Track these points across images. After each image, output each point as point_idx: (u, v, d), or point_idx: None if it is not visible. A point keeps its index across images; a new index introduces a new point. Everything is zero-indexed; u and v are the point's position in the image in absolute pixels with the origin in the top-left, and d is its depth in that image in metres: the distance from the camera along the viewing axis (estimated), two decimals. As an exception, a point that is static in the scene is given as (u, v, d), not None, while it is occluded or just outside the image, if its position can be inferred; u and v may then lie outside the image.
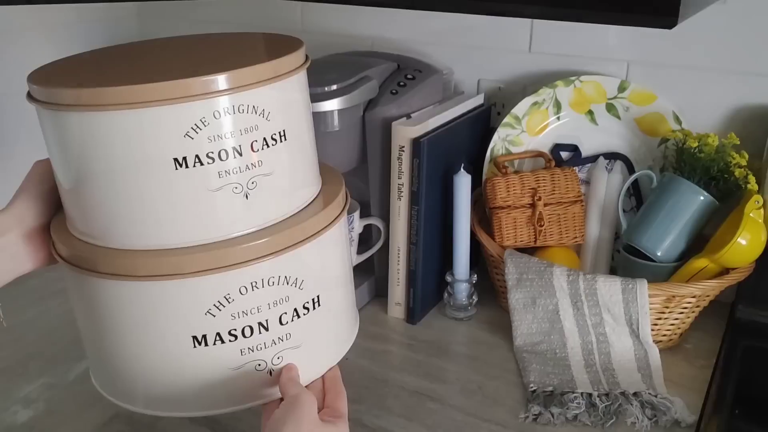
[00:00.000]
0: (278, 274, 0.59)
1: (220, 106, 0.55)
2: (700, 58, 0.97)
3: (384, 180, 0.97)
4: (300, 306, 0.62)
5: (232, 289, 0.58)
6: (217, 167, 0.56)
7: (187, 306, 0.58)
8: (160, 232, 0.58)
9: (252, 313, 0.59)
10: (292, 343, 0.62)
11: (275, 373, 0.62)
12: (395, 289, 0.99)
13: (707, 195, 0.89)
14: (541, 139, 1.04)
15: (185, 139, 0.55)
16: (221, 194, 0.57)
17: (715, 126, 0.98)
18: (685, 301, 0.88)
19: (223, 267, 0.57)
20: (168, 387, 0.61)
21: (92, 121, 0.55)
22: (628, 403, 0.80)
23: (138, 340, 0.60)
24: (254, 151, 0.58)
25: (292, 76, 0.60)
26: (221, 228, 0.58)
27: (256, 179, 0.58)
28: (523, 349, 0.91)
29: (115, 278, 0.58)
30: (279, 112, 0.59)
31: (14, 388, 0.86)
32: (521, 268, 0.92)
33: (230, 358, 0.60)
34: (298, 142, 0.62)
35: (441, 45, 1.14)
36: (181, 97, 0.53)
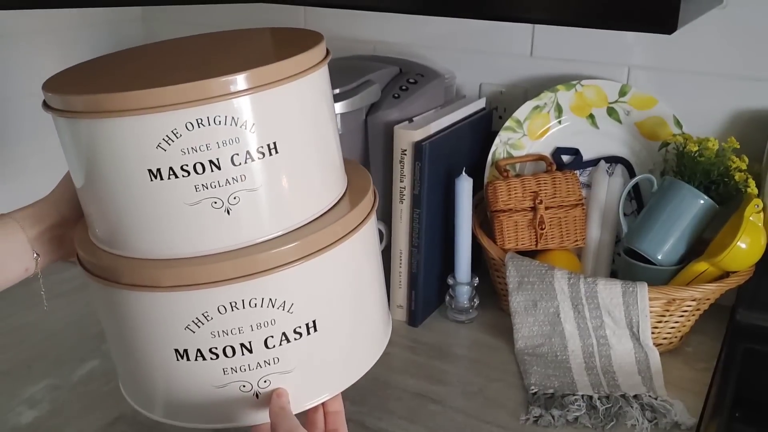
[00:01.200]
0: (260, 296, 0.56)
1: (192, 117, 0.52)
2: (700, 63, 0.97)
3: (386, 183, 0.97)
4: (290, 330, 0.58)
5: (209, 307, 0.56)
6: (193, 180, 0.54)
7: (166, 319, 0.57)
8: (141, 242, 0.57)
9: (233, 334, 0.57)
10: (282, 367, 0.59)
11: (263, 396, 0.59)
12: (397, 291, 1.00)
13: (707, 199, 0.90)
14: (542, 142, 1.04)
15: (158, 150, 0.53)
16: (199, 208, 0.55)
17: (716, 130, 0.98)
18: (685, 304, 0.88)
19: (198, 284, 0.55)
20: (161, 395, 0.62)
21: (76, 128, 0.56)
22: (628, 405, 0.81)
23: (129, 344, 0.61)
24: (235, 165, 0.54)
25: (286, 84, 0.56)
26: (200, 243, 0.56)
27: (238, 194, 0.55)
28: (524, 352, 0.91)
29: (104, 282, 0.59)
30: (266, 123, 0.55)
31: (19, 389, 0.87)
32: (522, 271, 0.93)
33: (213, 376, 0.58)
34: (296, 154, 0.58)
35: (443, 49, 1.15)
36: (151, 107, 0.52)
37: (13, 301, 1.05)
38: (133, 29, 1.47)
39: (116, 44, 1.43)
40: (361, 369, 0.66)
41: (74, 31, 1.34)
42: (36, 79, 0.61)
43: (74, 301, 1.05)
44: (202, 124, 0.53)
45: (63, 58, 1.32)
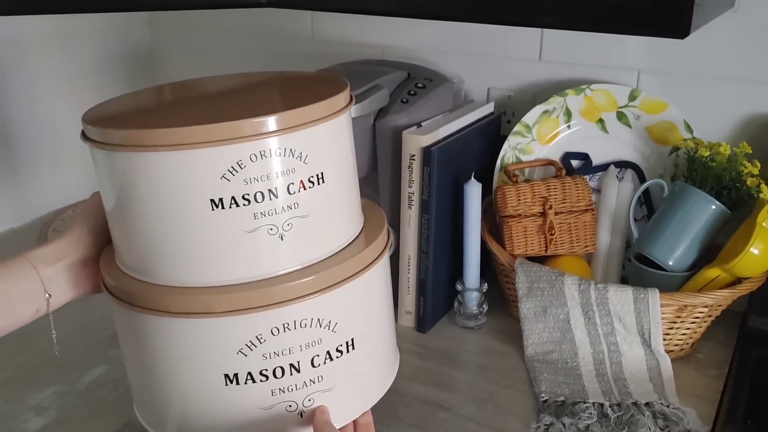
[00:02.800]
0: (311, 317, 0.59)
1: (257, 149, 0.56)
2: (711, 67, 0.97)
3: (394, 189, 0.97)
4: (333, 349, 0.62)
5: (263, 329, 0.58)
6: (252, 209, 0.57)
7: (218, 345, 0.59)
8: (194, 270, 0.59)
9: (284, 354, 0.59)
10: (324, 385, 0.62)
11: (306, 414, 0.62)
12: (405, 297, 0.99)
13: (719, 204, 0.89)
14: (551, 147, 1.04)
15: (222, 180, 0.56)
16: (256, 235, 0.58)
17: (727, 135, 0.97)
18: (697, 310, 0.87)
19: (254, 308, 0.58)
20: (200, 423, 0.62)
21: (134, 161, 0.57)
22: (640, 413, 0.80)
23: (171, 374, 0.61)
24: (290, 194, 0.58)
25: (332, 120, 0.61)
26: (255, 269, 0.59)
27: (292, 221, 0.59)
28: (534, 359, 0.91)
29: (150, 312, 0.59)
30: (317, 154, 0.60)
31: (26, 395, 0.86)
32: (532, 277, 0.92)
33: (261, 398, 0.60)
34: (337, 184, 0.63)
35: (451, 53, 1.15)
36: (218, 141, 0.55)
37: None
38: (140, 34, 1.47)
39: (123, 49, 1.43)
40: (386, 384, 0.70)
41: (81, 36, 1.34)
42: (44, 84, 0.61)
43: (81, 307, 1.05)
44: (265, 155, 0.56)
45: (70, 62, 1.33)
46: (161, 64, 1.49)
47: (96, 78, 1.38)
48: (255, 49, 1.36)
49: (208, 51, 1.42)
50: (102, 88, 1.40)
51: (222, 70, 1.44)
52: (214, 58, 1.42)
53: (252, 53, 1.36)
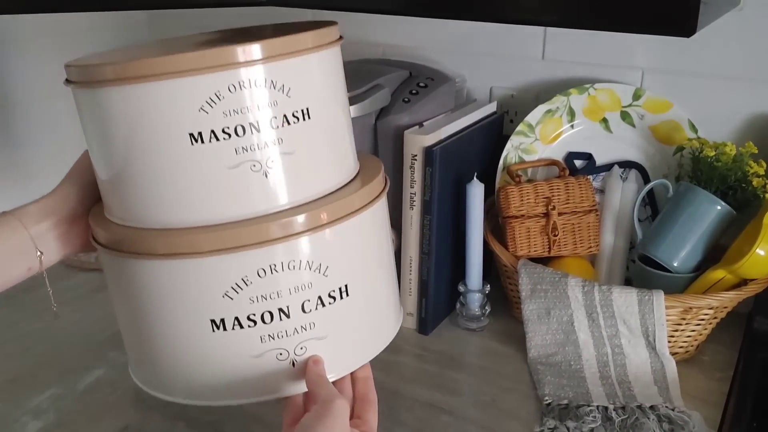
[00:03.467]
0: (299, 258, 0.57)
1: (235, 79, 0.54)
2: (716, 66, 0.96)
3: (396, 189, 0.96)
4: (325, 294, 0.59)
5: (249, 271, 0.56)
6: (234, 143, 0.55)
7: (204, 287, 0.57)
8: (178, 209, 0.57)
9: (271, 298, 0.57)
10: (317, 333, 0.59)
11: (299, 364, 0.59)
12: (407, 299, 0.98)
13: (724, 205, 0.88)
14: (554, 147, 1.03)
15: (200, 113, 0.54)
16: (238, 171, 0.56)
17: (732, 134, 0.96)
18: (702, 312, 0.86)
19: (238, 247, 0.55)
20: (190, 373, 0.60)
21: (110, 97, 0.56)
22: (644, 416, 0.79)
23: (160, 321, 0.59)
24: (273, 128, 0.56)
25: (317, 52, 0.59)
26: (239, 207, 0.57)
27: (276, 158, 0.57)
28: (538, 361, 0.90)
29: (135, 257, 0.58)
30: (301, 88, 0.57)
31: (24, 398, 0.86)
32: (535, 278, 0.91)
33: (250, 344, 0.58)
34: (325, 121, 0.60)
35: (453, 52, 1.14)
36: (194, 69, 0.53)
37: (19, 309, 1.04)
38: (139, 33, 1.46)
39: (123, 48, 1.43)
40: (385, 338, 0.67)
41: (80, 36, 1.33)
42: (43, 84, 0.60)
43: (80, 309, 1.05)
44: (244, 86, 0.54)
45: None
46: (161, 64, 1.48)
47: (95, 77, 1.37)
48: (255, 48, 1.35)
49: (208, 50, 1.41)
50: (101, 87, 1.39)
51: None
52: (215, 57, 1.41)
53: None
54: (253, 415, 0.81)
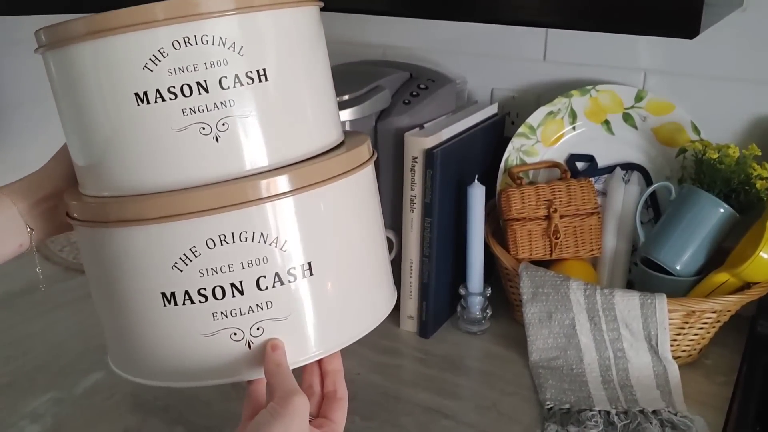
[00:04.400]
0: (251, 230, 0.53)
1: (179, 34, 0.51)
2: (719, 67, 0.95)
3: (396, 191, 0.95)
4: (283, 271, 0.55)
5: (197, 240, 0.53)
6: (180, 104, 0.52)
7: (153, 257, 0.54)
8: (128, 174, 0.55)
9: (222, 272, 0.54)
10: (275, 313, 0.55)
11: (255, 346, 0.56)
12: (407, 302, 0.98)
13: (727, 207, 0.87)
14: (556, 149, 1.02)
15: (144, 71, 0.52)
16: (186, 134, 0.53)
17: (736, 136, 0.96)
18: (705, 316, 0.86)
19: (186, 214, 0.52)
20: (146, 350, 0.58)
21: (61, 58, 0.55)
22: (647, 421, 0.78)
23: (117, 294, 0.57)
24: (224, 89, 0.53)
25: (275, 10, 0.55)
26: (188, 172, 0.54)
27: (227, 120, 0.53)
28: (539, 365, 0.89)
29: (92, 225, 0.56)
30: (256, 47, 0.54)
31: (21, 402, 0.85)
32: (537, 281, 0.90)
33: (202, 322, 0.55)
34: (287, 85, 0.57)
35: (454, 54, 1.13)
36: (137, 24, 0.51)
37: (16, 311, 1.03)
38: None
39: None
40: (361, 328, 0.61)
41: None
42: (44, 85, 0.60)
43: (77, 312, 1.04)
44: (190, 42, 0.52)
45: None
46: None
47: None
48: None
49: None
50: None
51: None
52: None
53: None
54: (252, 420, 0.81)
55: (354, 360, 0.92)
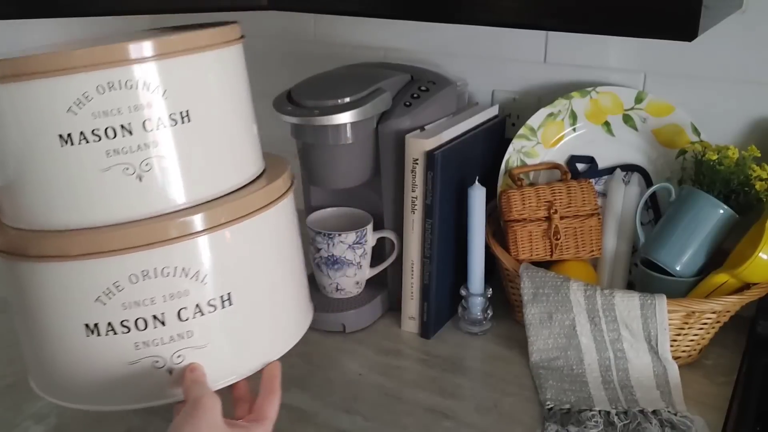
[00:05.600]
0: (173, 265, 0.56)
1: (103, 79, 0.53)
2: (719, 69, 0.95)
3: (397, 193, 0.96)
4: (204, 302, 0.58)
5: (120, 276, 0.55)
6: (104, 146, 0.54)
7: (76, 291, 0.56)
8: (52, 211, 0.56)
9: (145, 305, 0.56)
10: (195, 342, 0.58)
11: (176, 372, 0.58)
12: (409, 303, 0.98)
13: (727, 208, 0.88)
14: (556, 150, 1.02)
15: (69, 114, 0.53)
16: (110, 174, 0.55)
17: (735, 138, 0.96)
18: (705, 317, 0.86)
19: (109, 251, 0.55)
20: (70, 376, 0.59)
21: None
22: (647, 421, 0.78)
23: (39, 324, 0.59)
24: (147, 131, 0.55)
25: (199, 54, 0.58)
26: (112, 211, 0.56)
27: (150, 161, 0.56)
28: (540, 365, 0.89)
29: (12, 259, 0.58)
30: (179, 91, 0.56)
31: (25, 403, 0.85)
32: (537, 282, 0.91)
33: (125, 351, 0.57)
34: (209, 125, 0.59)
35: (455, 56, 1.13)
36: (62, 69, 0.52)
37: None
38: (142, 37, 1.46)
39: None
40: (276, 351, 0.65)
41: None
42: None
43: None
44: (114, 87, 0.53)
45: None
46: (163, 67, 1.49)
47: (98, 81, 1.37)
48: (257, 52, 1.35)
49: (210, 54, 1.42)
50: (104, 91, 1.39)
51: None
52: (217, 61, 1.41)
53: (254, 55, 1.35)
54: (255, 420, 0.81)
55: (355, 361, 0.93)
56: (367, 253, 0.99)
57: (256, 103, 1.30)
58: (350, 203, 1.03)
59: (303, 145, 0.95)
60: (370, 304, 1.00)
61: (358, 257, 0.98)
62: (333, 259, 0.97)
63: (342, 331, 0.98)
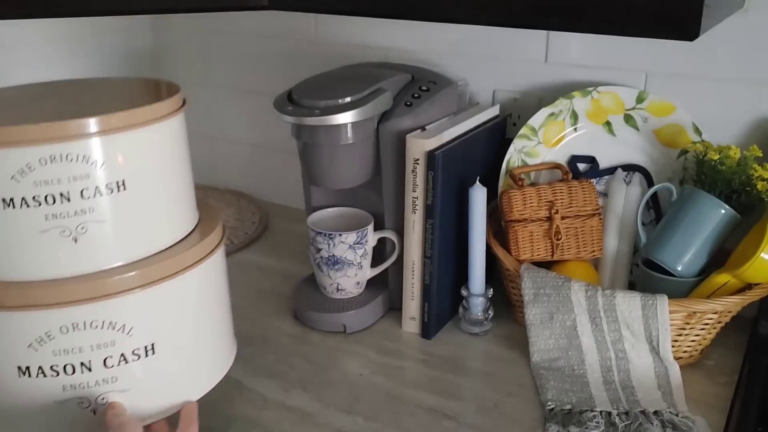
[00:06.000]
0: (101, 319, 0.62)
1: (46, 153, 0.58)
2: (720, 68, 0.95)
3: (398, 193, 0.96)
4: (128, 352, 0.64)
5: (52, 327, 0.61)
6: (44, 210, 0.60)
7: (11, 338, 0.61)
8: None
9: (73, 353, 0.62)
10: (119, 386, 0.64)
11: (100, 413, 0.64)
12: (409, 303, 0.98)
13: (728, 208, 0.88)
14: (557, 150, 1.02)
15: (12, 181, 0.59)
16: (48, 236, 0.61)
17: (737, 137, 0.96)
18: (706, 317, 0.86)
19: (42, 305, 0.60)
20: (1, 414, 0.64)
21: None
22: (648, 422, 0.78)
23: None
24: (84, 199, 0.61)
25: (134, 130, 0.63)
26: (47, 268, 0.62)
27: (86, 225, 0.61)
28: (541, 366, 0.89)
29: None
30: (116, 163, 0.62)
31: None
32: (538, 282, 0.91)
33: (53, 392, 0.63)
34: (145, 191, 0.65)
35: (456, 55, 1.13)
36: (8, 143, 0.58)
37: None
38: (142, 37, 1.47)
39: (127, 51, 1.43)
40: (198, 391, 0.71)
41: (85, 39, 1.34)
42: None
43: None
44: (55, 160, 0.59)
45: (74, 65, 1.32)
46: (165, 67, 1.49)
47: (99, 81, 1.38)
48: (258, 51, 1.35)
49: (211, 53, 1.42)
50: (105, 91, 1.39)
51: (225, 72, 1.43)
52: (217, 60, 1.41)
53: (255, 55, 1.36)
54: (255, 420, 0.81)
55: (356, 361, 0.92)
56: (368, 254, 0.99)
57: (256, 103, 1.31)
58: (351, 203, 1.03)
59: (304, 145, 0.95)
60: (370, 305, 1.00)
61: (358, 257, 0.98)
62: (333, 260, 0.97)
63: (343, 331, 0.98)
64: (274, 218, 1.36)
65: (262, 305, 1.06)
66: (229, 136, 1.46)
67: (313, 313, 0.99)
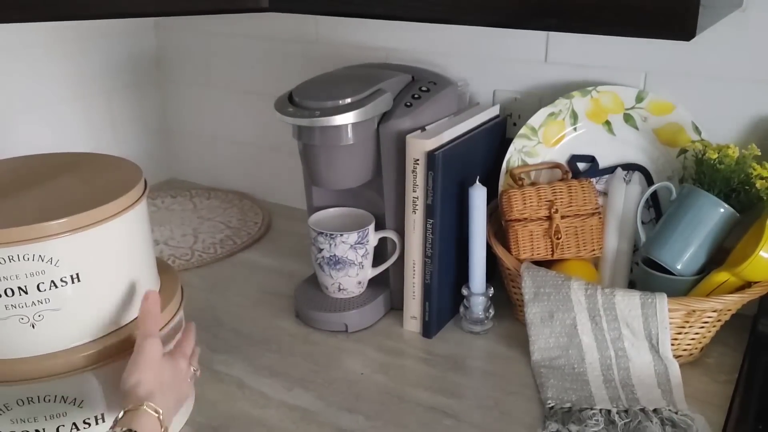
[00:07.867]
0: (54, 393, 0.70)
1: (5, 254, 0.65)
2: (719, 67, 0.95)
3: (399, 193, 0.96)
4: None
5: (10, 399, 0.69)
6: (3, 301, 0.67)
7: None
8: None
9: (29, 422, 0.70)
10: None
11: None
12: (410, 302, 0.98)
13: (728, 207, 0.88)
14: (557, 150, 1.03)
15: None
16: (7, 323, 0.68)
17: (736, 136, 0.96)
18: (705, 315, 0.86)
19: (3, 382, 0.68)
20: None
21: None
22: (648, 420, 0.79)
23: None
24: (41, 291, 0.68)
25: (91, 228, 0.69)
26: (8, 350, 0.69)
27: (42, 313, 0.69)
28: (541, 364, 0.90)
29: None
30: (71, 259, 0.68)
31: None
32: (538, 281, 0.91)
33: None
34: (98, 282, 0.71)
35: (456, 56, 1.14)
36: None
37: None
38: (146, 39, 1.47)
39: (129, 54, 1.43)
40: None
41: (88, 42, 1.34)
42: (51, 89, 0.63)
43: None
44: (14, 260, 0.66)
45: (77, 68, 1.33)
46: (167, 69, 1.49)
47: (102, 83, 1.38)
48: (260, 53, 1.36)
49: (213, 55, 1.42)
50: (108, 93, 1.40)
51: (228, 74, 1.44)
52: (220, 62, 1.42)
53: (257, 57, 1.36)
54: (257, 419, 0.82)
55: (358, 360, 0.93)
56: (369, 253, 1.00)
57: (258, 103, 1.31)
58: (352, 203, 1.04)
59: (304, 146, 0.96)
60: (372, 304, 1.00)
61: (360, 257, 0.98)
62: (335, 260, 0.98)
63: (344, 330, 0.99)
64: (277, 219, 1.37)
65: (264, 305, 1.07)
66: (231, 137, 1.46)
67: (315, 312, 1.00)
